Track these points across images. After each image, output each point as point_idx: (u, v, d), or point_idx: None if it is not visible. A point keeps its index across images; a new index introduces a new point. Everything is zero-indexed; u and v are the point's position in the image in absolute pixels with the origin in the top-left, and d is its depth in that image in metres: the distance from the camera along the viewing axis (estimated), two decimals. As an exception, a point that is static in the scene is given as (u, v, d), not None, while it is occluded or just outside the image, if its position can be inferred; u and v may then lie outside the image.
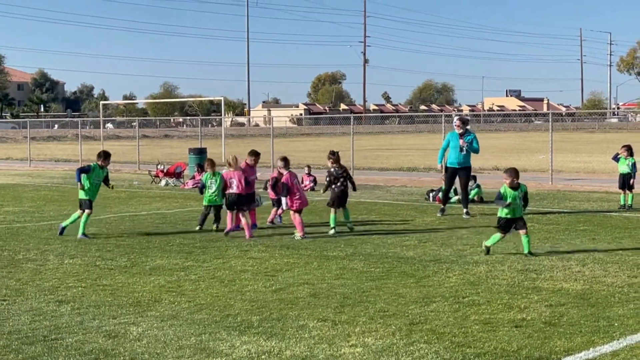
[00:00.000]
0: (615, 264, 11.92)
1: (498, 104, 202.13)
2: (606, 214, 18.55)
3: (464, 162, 18.45)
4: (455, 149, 18.37)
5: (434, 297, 9.88)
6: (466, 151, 18.39)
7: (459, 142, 18.33)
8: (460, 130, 18.40)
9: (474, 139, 18.44)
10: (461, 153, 18.38)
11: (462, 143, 18.32)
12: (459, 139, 18.36)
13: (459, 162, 18.41)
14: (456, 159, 18.40)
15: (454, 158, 18.43)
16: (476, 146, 18.48)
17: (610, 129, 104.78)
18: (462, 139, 18.34)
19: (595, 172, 31.19)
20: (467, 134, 18.44)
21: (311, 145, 61.51)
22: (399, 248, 13.76)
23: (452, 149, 18.41)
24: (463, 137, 18.37)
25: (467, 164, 18.54)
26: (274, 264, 12.37)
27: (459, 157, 18.38)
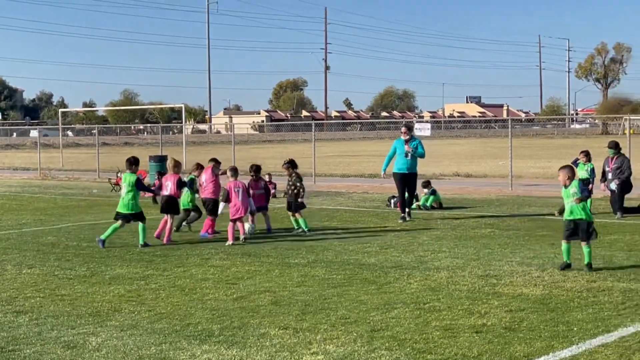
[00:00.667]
0: (574, 268, 12.02)
1: (458, 111, 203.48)
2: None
3: (411, 168, 18.91)
4: (401, 156, 18.82)
5: (395, 303, 9.89)
6: (412, 157, 18.81)
7: (405, 148, 18.78)
8: (407, 136, 18.91)
9: (419, 144, 18.92)
10: (407, 159, 18.80)
11: (408, 149, 18.75)
12: (405, 145, 18.81)
13: (407, 168, 18.84)
14: (404, 165, 18.83)
15: (401, 164, 18.84)
16: (422, 151, 18.97)
17: (570, 135, 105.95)
18: (408, 145, 18.78)
19: (555, 178, 31.37)
20: (412, 140, 18.94)
21: (273, 152, 61.40)
22: (360, 255, 13.77)
23: (399, 156, 18.87)
24: (408, 143, 18.82)
25: (414, 170, 19.04)
26: (235, 271, 12.31)
27: (406, 162, 18.81)
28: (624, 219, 18.46)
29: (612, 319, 8.87)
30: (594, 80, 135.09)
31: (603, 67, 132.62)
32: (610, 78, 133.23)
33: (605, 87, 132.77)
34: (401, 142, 18.95)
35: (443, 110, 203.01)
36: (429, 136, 38.56)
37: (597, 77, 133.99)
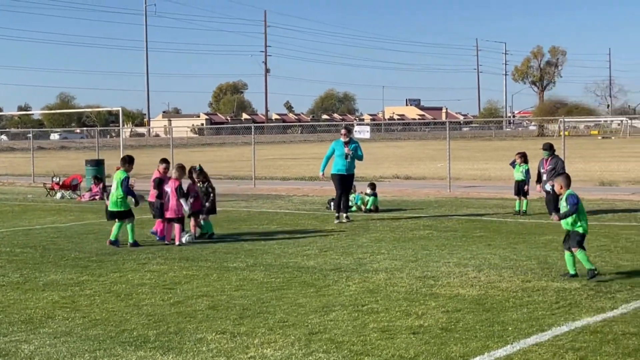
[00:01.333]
0: (510, 269, 12.17)
1: (398, 113, 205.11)
2: (502, 220, 18.96)
3: (349, 169, 19.22)
4: (341, 157, 19.09)
5: (333, 306, 9.89)
6: (351, 158, 19.11)
7: (344, 150, 19.04)
8: (346, 138, 19.20)
9: (357, 147, 19.23)
10: (347, 160, 19.08)
11: (348, 151, 19.04)
12: (344, 147, 19.06)
13: (346, 170, 19.14)
14: (343, 167, 19.11)
15: (341, 165, 19.12)
16: (360, 153, 19.35)
17: (507, 137, 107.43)
18: (347, 147, 19.06)
19: (492, 179, 31.87)
20: (351, 142, 19.20)
21: (212, 155, 61.11)
22: (299, 258, 13.75)
23: (338, 157, 19.13)
24: (348, 145, 19.09)
25: (352, 171, 19.38)
26: (172, 276, 12.19)
27: (345, 164, 19.10)
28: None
29: (546, 319, 8.98)
30: (530, 83, 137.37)
31: (539, 70, 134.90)
32: (546, 81, 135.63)
33: (541, 89, 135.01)
34: (340, 144, 19.20)
35: (383, 113, 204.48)
36: (368, 138, 38.71)
37: (533, 80, 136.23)
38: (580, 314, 9.15)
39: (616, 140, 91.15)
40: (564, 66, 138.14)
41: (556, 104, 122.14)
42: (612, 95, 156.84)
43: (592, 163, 38.70)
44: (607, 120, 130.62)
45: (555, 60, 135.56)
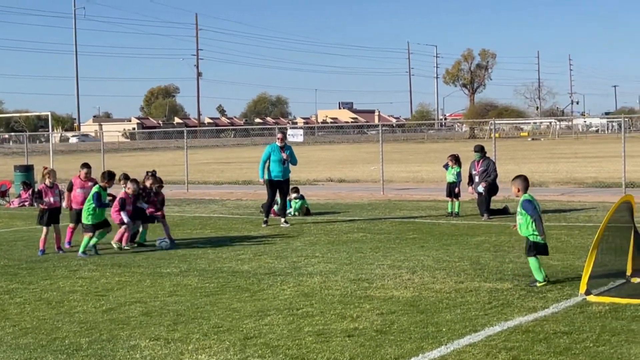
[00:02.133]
0: (443, 270, 12.29)
1: (331, 116, 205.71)
2: (435, 222, 19.15)
3: (286, 174, 19.23)
4: (277, 162, 18.99)
5: (268, 310, 9.86)
6: (288, 163, 19.11)
7: (281, 155, 18.96)
8: (282, 143, 19.13)
9: (292, 152, 19.29)
10: (283, 165, 19.05)
11: (286, 156, 19.00)
12: (281, 151, 19.00)
13: (282, 175, 19.12)
14: (280, 172, 19.06)
15: (277, 171, 19.03)
16: (296, 159, 19.49)
17: (439, 139, 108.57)
18: (284, 152, 19.01)
19: (424, 181, 32.18)
20: (286, 147, 19.19)
21: (144, 160, 60.47)
22: (234, 262, 13.68)
23: (274, 162, 18.99)
24: (284, 150, 19.06)
25: (287, 176, 19.37)
26: (104, 283, 12.02)
27: (282, 169, 19.07)
28: (490, 220, 19.01)
29: (479, 319, 9.09)
30: (461, 85, 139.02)
31: (469, 73, 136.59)
32: (477, 84, 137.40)
33: (472, 92, 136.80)
34: (276, 148, 19.08)
35: (316, 117, 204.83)
36: (301, 142, 38.75)
37: (464, 83, 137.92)
38: (512, 314, 9.28)
39: (545, 141, 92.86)
40: (493, 69, 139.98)
41: (487, 106, 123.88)
42: (541, 98, 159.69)
43: (522, 164, 39.33)
44: (537, 122, 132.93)
45: (485, 63, 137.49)
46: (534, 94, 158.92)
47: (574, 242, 14.90)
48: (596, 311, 9.26)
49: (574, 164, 39.37)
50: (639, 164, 33.30)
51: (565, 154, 52.56)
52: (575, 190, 26.12)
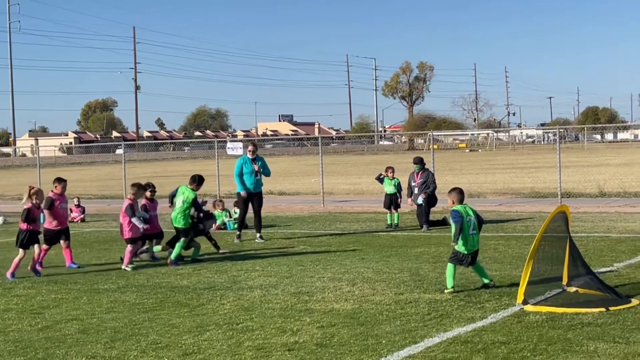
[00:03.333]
0: (383, 282, 12.32)
1: (271, 129, 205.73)
2: (374, 233, 19.21)
3: (257, 187, 18.65)
4: (249, 174, 18.47)
5: (207, 325, 9.77)
6: (260, 175, 18.61)
7: (253, 167, 18.45)
8: (253, 155, 18.61)
9: (265, 163, 18.74)
10: (256, 177, 18.52)
11: (257, 168, 18.49)
12: (252, 163, 18.49)
13: (255, 187, 18.57)
14: (252, 184, 18.52)
15: (249, 184, 18.51)
16: (268, 170, 18.84)
17: (379, 151, 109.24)
18: (255, 164, 18.49)
19: (364, 193, 32.27)
20: (257, 159, 18.63)
21: (82, 174, 59.64)
22: (173, 277, 13.54)
23: (246, 175, 18.45)
24: (255, 162, 18.53)
25: (260, 189, 18.76)
26: (40, 300, 11.79)
27: (254, 181, 18.54)
28: (429, 231, 19.15)
29: (418, 330, 9.12)
30: (399, 98, 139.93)
31: (408, 86, 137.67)
32: (415, 96, 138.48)
33: (411, 104, 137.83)
34: (248, 161, 18.52)
35: (256, 129, 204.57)
36: (241, 154, 38.52)
37: (402, 95, 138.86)
38: (451, 325, 9.33)
39: (483, 152, 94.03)
40: (432, 81, 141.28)
41: (425, 118, 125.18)
42: (478, 109, 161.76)
43: (460, 175, 39.69)
44: (474, 133, 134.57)
45: (423, 75, 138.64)
46: (471, 105, 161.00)
47: (511, 252, 15.07)
48: (533, 321, 9.37)
49: (511, 175, 39.88)
50: (574, 174, 33.91)
51: (503, 165, 53.25)
52: (512, 201, 26.46)
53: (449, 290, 11.17)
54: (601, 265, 13.10)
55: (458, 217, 11.24)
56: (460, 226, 11.22)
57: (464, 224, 11.25)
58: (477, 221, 11.42)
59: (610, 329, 8.85)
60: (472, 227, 11.31)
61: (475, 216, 11.41)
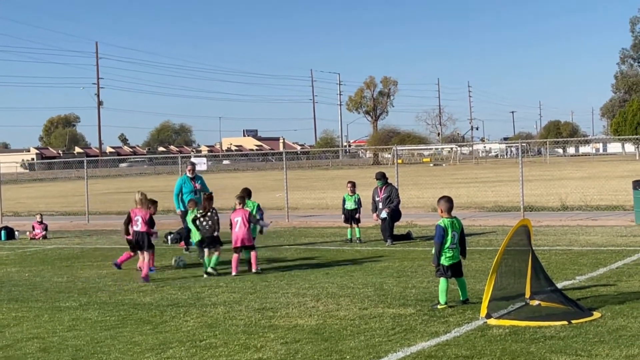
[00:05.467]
0: (348, 297, 12.31)
1: (236, 144, 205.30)
2: (339, 248, 19.21)
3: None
4: (189, 193, 19.51)
5: (170, 342, 9.68)
6: (199, 193, 19.21)
7: (193, 185, 19.55)
8: (192, 174, 19.79)
9: (203, 181, 19.91)
10: (195, 195, 19.20)
11: (198, 186, 19.57)
12: (192, 182, 19.57)
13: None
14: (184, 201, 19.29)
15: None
16: (207, 187, 19.85)
17: (343, 166, 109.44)
18: (195, 182, 19.59)
19: (329, 208, 32.23)
20: (197, 178, 19.83)
21: (44, 190, 59.07)
22: (135, 294, 13.42)
23: (187, 194, 19.45)
24: (195, 181, 19.63)
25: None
26: (0, 319, 11.62)
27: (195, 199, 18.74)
28: (393, 246, 19.18)
29: (382, 345, 9.12)
30: (364, 112, 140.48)
31: (372, 100, 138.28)
32: (379, 110, 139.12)
33: (375, 119, 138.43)
34: (187, 180, 19.62)
35: (220, 144, 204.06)
36: (205, 170, 38.46)
37: (367, 110, 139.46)
38: (415, 339, 9.34)
39: (447, 167, 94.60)
40: (395, 96, 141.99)
41: (389, 132, 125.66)
42: (442, 124, 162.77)
43: (424, 190, 39.86)
44: (438, 148, 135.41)
45: (387, 90, 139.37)
46: (435, 120, 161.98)
47: (474, 266, 15.13)
48: (497, 334, 9.41)
49: (475, 189, 40.17)
50: (536, 188, 34.23)
51: (466, 179, 53.61)
52: (475, 215, 26.60)
53: (442, 306, 11.07)
54: (563, 279, 13.20)
55: (441, 236, 11.19)
56: (440, 246, 11.21)
57: (446, 239, 11.22)
58: (460, 235, 11.42)
59: (572, 342, 8.91)
60: (453, 241, 11.31)
61: (459, 230, 11.42)
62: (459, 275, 11.46)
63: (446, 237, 11.22)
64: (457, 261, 11.39)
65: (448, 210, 11.41)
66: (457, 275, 11.42)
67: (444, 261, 11.25)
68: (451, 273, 11.28)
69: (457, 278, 11.45)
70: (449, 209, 11.43)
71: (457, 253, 11.37)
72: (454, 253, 11.32)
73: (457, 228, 11.36)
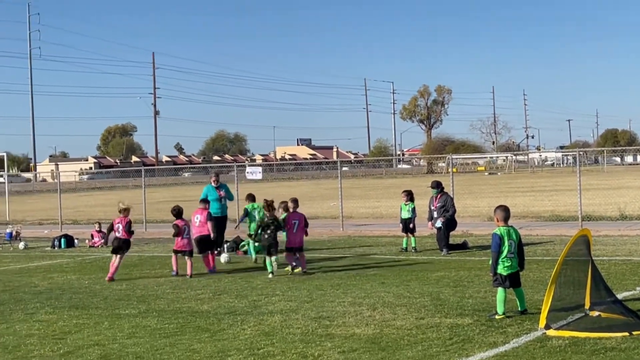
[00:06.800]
0: (404, 306, 12.28)
1: (290, 153, 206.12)
2: (394, 257, 19.17)
3: (224, 211, 21.34)
4: (214, 201, 20.63)
5: (229, 350, 9.76)
6: (225, 200, 21.24)
7: (217, 193, 21.07)
8: (217, 184, 21.29)
9: (228, 189, 21.52)
10: (221, 203, 21.06)
11: (222, 194, 21.20)
12: (216, 191, 21.13)
13: (221, 212, 21.05)
14: (218, 209, 20.81)
15: (216, 208, 20.50)
16: (231, 194, 21.82)
17: (397, 175, 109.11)
18: (220, 190, 21.17)
19: (384, 217, 32.20)
20: (221, 186, 21.34)
21: (102, 199, 59.90)
22: (193, 302, 13.56)
23: (212, 201, 20.33)
24: (220, 189, 21.20)
25: (225, 213, 21.48)
26: (62, 326, 11.83)
27: (220, 207, 21.01)
28: (449, 255, 19.08)
29: (440, 355, 9.08)
30: (418, 121, 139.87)
31: (426, 109, 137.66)
32: (433, 119, 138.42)
33: (429, 127, 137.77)
34: (212, 189, 20.99)
35: (275, 153, 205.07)
36: (260, 179, 38.66)
37: (420, 119, 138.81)
38: (473, 350, 9.28)
39: (502, 175, 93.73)
40: (450, 104, 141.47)
41: (444, 141, 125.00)
42: (497, 132, 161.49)
43: (480, 199, 39.61)
44: (493, 156, 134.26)
45: (441, 99, 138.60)
46: (489, 128, 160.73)
47: (532, 276, 14.98)
48: (556, 345, 9.31)
49: (531, 198, 39.74)
50: (594, 197, 33.74)
51: (522, 188, 53.05)
52: (532, 224, 26.32)
53: (500, 316, 10.98)
54: (623, 289, 13.01)
55: (497, 245, 11.11)
56: (497, 254, 11.13)
57: (503, 248, 11.15)
58: (518, 245, 11.33)
59: (634, 353, 8.78)
60: (510, 251, 11.22)
61: (517, 240, 11.33)
62: (517, 285, 11.36)
63: (503, 246, 11.14)
64: (515, 271, 11.29)
65: (505, 219, 11.31)
66: (515, 286, 11.33)
67: (501, 270, 11.16)
68: (509, 283, 11.19)
69: (515, 288, 11.36)
70: (505, 217, 11.33)
71: (515, 263, 11.27)
72: (512, 262, 11.23)
73: (514, 237, 11.27)
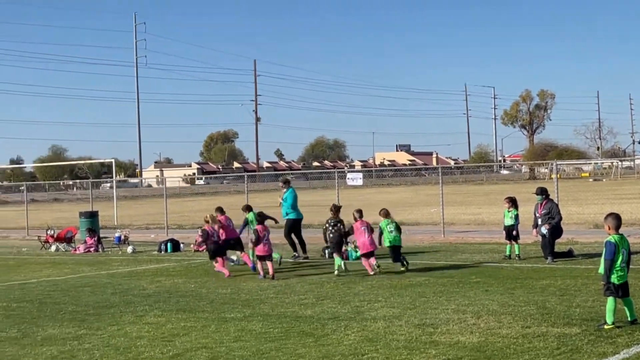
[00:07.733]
0: (509, 315, 12.14)
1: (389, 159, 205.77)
2: (497, 265, 18.96)
3: (283, 215, 22.94)
4: (283, 206, 22.91)
5: (333, 355, 9.84)
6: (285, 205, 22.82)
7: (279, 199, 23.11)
8: (285, 188, 23.02)
9: (288, 196, 22.86)
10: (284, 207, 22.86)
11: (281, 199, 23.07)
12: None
13: (286, 215, 22.84)
14: (283, 213, 22.86)
15: (283, 213, 22.88)
16: (289, 201, 22.90)
17: (498, 181, 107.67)
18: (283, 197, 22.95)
19: (485, 224, 31.87)
20: (287, 191, 22.93)
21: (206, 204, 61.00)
22: (297, 307, 13.71)
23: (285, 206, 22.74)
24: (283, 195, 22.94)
25: (284, 217, 23.00)
26: (170, 328, 12.14)
27: (282, 211, 22.93)
28: (554, 263, 18.75)
29: (548, 364, 8.96)
30: (519, 126, 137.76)
31: (528, 114, 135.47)
32: (536, 124, 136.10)
33: (531, 133, 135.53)
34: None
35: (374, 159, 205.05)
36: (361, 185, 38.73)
37: (522, 124, 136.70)
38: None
39: (607, 182, 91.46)
40: (553, 109, 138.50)
41: (546, 147, 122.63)
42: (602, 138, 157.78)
43: (585, 206, 38.78)
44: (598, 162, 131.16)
45: (544, 103, 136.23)
46: (594, 134, 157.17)
47: (642, 285, 14.61)
48: (668, 357, 9.07)
49: (639, 205, 38.65)
50: None
51: (629, 195, 51.63)
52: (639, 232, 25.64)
53: (609, 326, 10.76)
54: None
55: (612, 252, 10.88)
56: (611, 263, 10.90)
57: (617, 257, 10.93)
58: (628, 254, 11.11)
59: None
60: (623, 260, 10.98)
61: (628, 249, 11.12)
62: (627, 295, 11.11)
63: (617, 254, 10.90)
64: (626, 280, 11.05)
65: (616, 228, 11.07)
66: (625, 295, 11.08)
67: (614, 279, 10.91)
68: (621, 292, 10.96)
69: (624, 298, 11.11)
70: (617, 226, 11.09)
71: (626, 272, 11.03)
72: (624, 272, 10.99)
73: (626, 246, 11.03)
